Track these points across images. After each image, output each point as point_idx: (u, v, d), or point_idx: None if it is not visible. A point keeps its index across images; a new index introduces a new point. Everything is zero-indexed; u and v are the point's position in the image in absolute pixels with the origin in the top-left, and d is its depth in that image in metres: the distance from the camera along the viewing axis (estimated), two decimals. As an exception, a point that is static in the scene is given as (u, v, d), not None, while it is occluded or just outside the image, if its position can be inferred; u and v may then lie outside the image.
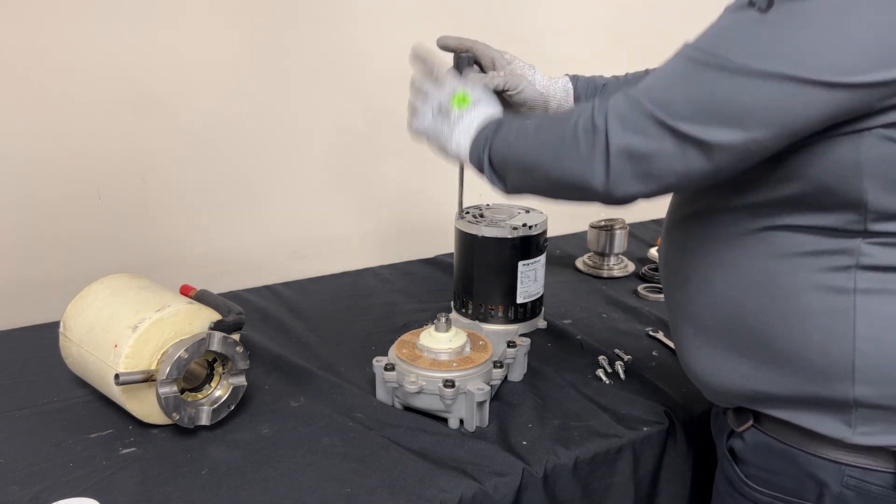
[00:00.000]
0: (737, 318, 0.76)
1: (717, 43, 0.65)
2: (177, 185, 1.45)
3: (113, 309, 0.94)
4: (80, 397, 1.02)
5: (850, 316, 0.69)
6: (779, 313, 0.73)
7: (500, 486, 0.85)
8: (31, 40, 1.27)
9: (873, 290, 0.69)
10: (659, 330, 1.25)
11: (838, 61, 0.60)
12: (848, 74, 0.60)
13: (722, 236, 0.76)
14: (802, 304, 0.71)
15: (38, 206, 1.34)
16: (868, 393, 0.70)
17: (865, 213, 0.67)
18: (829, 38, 0.60)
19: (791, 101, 0.62)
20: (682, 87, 0.67)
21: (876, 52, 0.60)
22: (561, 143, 0.75)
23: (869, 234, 0.68)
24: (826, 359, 0.71)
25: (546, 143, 0.78)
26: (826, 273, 0.70)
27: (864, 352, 0.69)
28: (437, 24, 1.63)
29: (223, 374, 0.95)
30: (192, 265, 1.48)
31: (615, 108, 0.71)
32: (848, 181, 0.66)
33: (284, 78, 1.50)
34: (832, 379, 0.71)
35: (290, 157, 1.56)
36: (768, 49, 0.62)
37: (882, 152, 0.64)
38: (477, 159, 0.87)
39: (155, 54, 1.36)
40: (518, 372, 1.09)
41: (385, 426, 0.96)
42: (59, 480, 0.84)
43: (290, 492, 0.83)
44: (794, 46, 0.61)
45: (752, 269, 0.74)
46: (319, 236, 1.64)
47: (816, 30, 0.60)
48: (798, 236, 0.71)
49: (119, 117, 1.36)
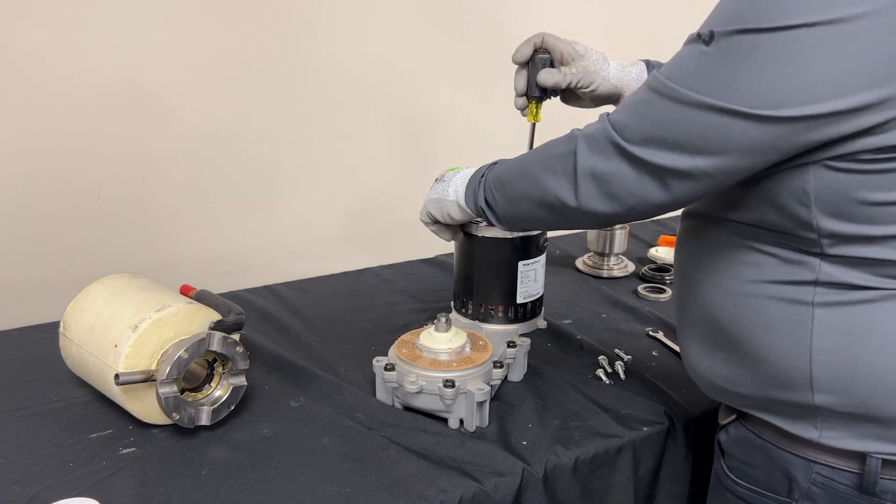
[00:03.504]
0: (717, 321, 0.80)
1: (670, 74, 0.70)
2: (177, 185, 1.45)
3: (113, 309, 0.94)
4: (80, 397, 1.02)
5: (808, 327, 0.72)
6: (748, 321, 0.77)
7: (500, 486, 0.85)
8: (31, 40, 1.27)
9: (830, 304, 0.71)
10: (659, 330, 1.25)
11: (770, 95, 0.63)
12: (778, 108, 0.63)
13: (710, 243, 0.81)
14: (767, 314, 0.75)
15: (38, 206, 1.34)
16: (828, 400, 0.72)
17: (819, 237, 0.70)
18: (763, 73, 0.63)
19: (727, 132, 0.66)
20: (640, 113, 0.72)
21: (806, 88, 0.62)
22: (541, 165, 0.83)
23: (825, 255, 0.70)
24: (787, 367, 0.74)
25: (529, 167, 0.85)
26: (787, 286, 0.73)
27: (821, 362, 0.72)
28: (437, 26, 1.63)
29: (223, 374, 0.95)
30: (192, 265, 1.48)
31: (587, 130, 0.78)
32: (800, 209, 0.69)
33: (285, 78, 1.50)
34: (794, 386, 0.74)
35: (290, 156, 1.56)
36: (708, 81, 0.66)
37: (826, 182, 0.67)
38: (472, 196, 0.97)
39: (155, 54, 1.36)
40: (518, 372, 1.09)
41: (385, 426, 0.96)
42: (59, 480, 0.84)
43: (290, 492, 0.83)
44: (730, 80, 0.64)
45: (728, 276, 0.78)
46: (319, 236, 1.64)
47: (751, 65, 0.63)
48: (765, 252, 0.75)
49: (119, 117, 1.36)
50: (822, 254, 0.70)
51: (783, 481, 0.79)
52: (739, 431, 0.84)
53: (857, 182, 0.66)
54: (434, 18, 1.62)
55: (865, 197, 0.66)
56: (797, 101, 0.62)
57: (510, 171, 0.90)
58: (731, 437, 0.85)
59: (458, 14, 1.65)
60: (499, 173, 0.92)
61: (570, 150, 0.78)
